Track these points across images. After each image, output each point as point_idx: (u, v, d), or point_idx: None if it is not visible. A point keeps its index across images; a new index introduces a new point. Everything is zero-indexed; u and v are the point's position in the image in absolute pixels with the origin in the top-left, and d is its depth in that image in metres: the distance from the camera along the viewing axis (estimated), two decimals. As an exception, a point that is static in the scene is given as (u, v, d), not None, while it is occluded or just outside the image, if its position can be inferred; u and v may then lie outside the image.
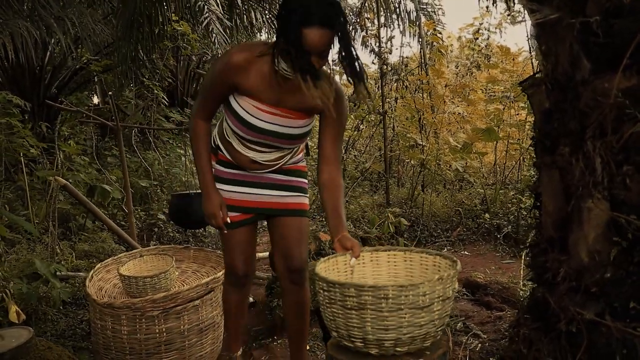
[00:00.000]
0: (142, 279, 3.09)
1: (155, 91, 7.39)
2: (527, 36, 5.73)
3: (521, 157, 6.33)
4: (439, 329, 1.78)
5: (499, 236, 5.10)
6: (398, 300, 1.62)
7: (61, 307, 3.67)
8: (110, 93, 4.85)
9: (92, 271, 3.19)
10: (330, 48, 1.90)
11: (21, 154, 5.45)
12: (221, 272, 2.94)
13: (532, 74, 2.10)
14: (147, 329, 2.74)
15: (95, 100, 10.78)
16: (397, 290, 1.62)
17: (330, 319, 1.77)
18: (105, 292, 3.24)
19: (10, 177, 5.98)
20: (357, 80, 1.95)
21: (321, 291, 1.76)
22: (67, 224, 5.56)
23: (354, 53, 1.92)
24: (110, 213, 5.78)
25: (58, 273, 3.67)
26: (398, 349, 1.71)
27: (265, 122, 2.07)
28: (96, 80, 9.27)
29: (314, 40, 1.81)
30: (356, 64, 1.93)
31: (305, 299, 2.37)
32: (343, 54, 1.90)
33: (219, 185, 2.27)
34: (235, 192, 2.26)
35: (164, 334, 2.76)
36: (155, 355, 2.75)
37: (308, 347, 3.03)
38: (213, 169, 2.28)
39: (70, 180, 5.15)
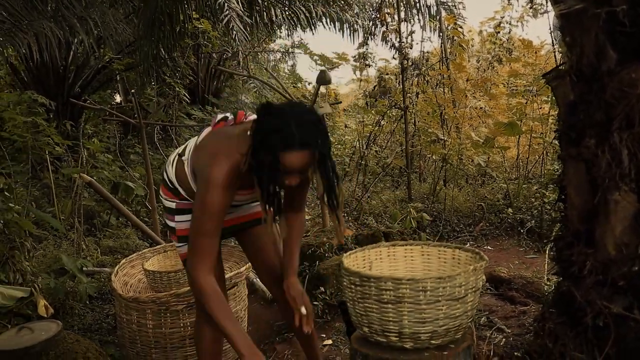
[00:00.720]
0: (166, 273, 3.13)
1: (177, 89, 7.46)
2: (550, 29, 5.65)
3: (544, 151, 6.25)
4: (470, 320, 1.78)
5: (522, 231, 5.05)
6: (436, 292, 1.63)
7: (87, 302, 3.73)
8: (132, 91, 4.90)
9: (117, 266, 3.24)
10: (313, 163, 1.79)
11: (47, 152, 5.53)
12: (245, 267, 2.96)
13: (555, 66, 2.08)
14: (172, 322, 2.76)
15: (118, 99, 10.92)
16: (435, 282, 1.62)
17: (362, 314, 1.76)
18: (131, 286, 3.29)
19: (36, 175, 6.08)
20: (331, 209, 1.90)
21: (352, 286, 1.76)
22: (92, 220, 5.64)
23: (333, 179, 1.85)
24: (133, 209, 5.85)
25: (84, 268, 3.73)
26: (433, 341, 1.71)
27: (242, 199, 2.09)
28: (118, 79, 9.39)
29: (294, 163, 1.73)
30: (334, 191, 1.86)
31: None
32: (322, 178, 1.83)
33: (183, 217, 2.15)
34: None
35: (189, 327, 2.79)
36: (180, 349, 2.78)
37: (331, 342, 3.04)
38: (174, 204, 2.18)
39: (95, 178, 5.22)
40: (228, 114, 2.10)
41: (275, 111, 1.77)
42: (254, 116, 1.99)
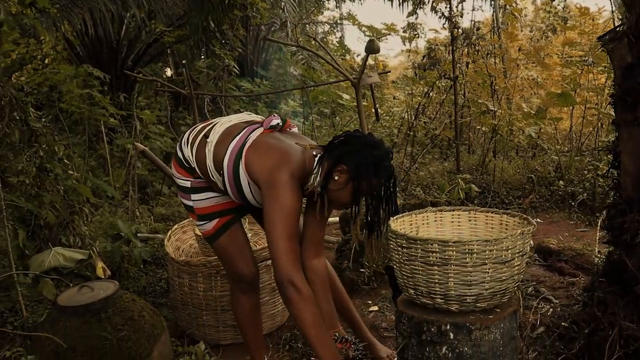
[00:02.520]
0: (217, 239, 3.21)
1: (226, 60, 7.53)
2: (610, -6, 5.41)
3: (599, 123, 6.05)
4: (517, 284, 1.78)
5: (573, 204, 4.94)
6: (482, 255, 1.64)
7: (142, 266, 3.87)
8: (184, 61, 5.00)
9: (169, 232, 3.35)
10: None
11: (102, 123, 5.72)
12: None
13: (614, 27, 2.01)
14: (222, 286, 2.85)
15: (168, 72, 11.11)
16: (481, 245, 1.63)
17: (408, 276, 1.78)
18: (182, 251, 3.40)
19: (92, 147, 6.30)
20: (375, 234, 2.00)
21: (399, 249, 1.78)
22: (145, 189, 5.82)
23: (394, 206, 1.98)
24: (184, 179, 5.98)
25: (139, 234, 3.86)
26: (479, 304, 1.72)
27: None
28: (169, 52, 9.54)
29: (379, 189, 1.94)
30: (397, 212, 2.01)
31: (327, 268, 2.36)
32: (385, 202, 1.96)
33: (200, 195, 2.21)
34: (211, 197, 2.21)
35: (238, 291, 2.86)
36: (230, 311, 2.86)
37: (377, 308, 3.08)
38: (189, 182, 2.22)
39: (148, 148, 5.37)
40: (280, 121, 2.14)
41: (372, 142, 1.94)
42: (296, 127, 2.23)
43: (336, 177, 1.90)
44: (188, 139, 2.23)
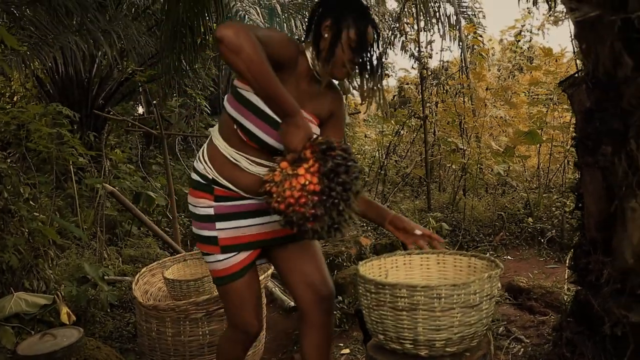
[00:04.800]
0: (186, 282, 3.16)
1: (198, 100, 7.55)
2: (571, 36, 5.62)
3: (565, 160, 6.20)
4: (485, 327, 1.78)
5: (542, 240, 5.00)
6: (450, 300, 1.63)
7: (109, 310, 3.78)
8: (154, 102, 4.98)
9: (138, 275, 3.28)
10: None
11: (70, 162, 5.63)
12: (263, 276, 2.92)
13: (572, 73, 2.07)
14: (191, 331, 2.79)
15: (140, 110, 11.08)
16: (449, 290, 1.63)
17: (377, 321, 1.77)
18: (151, 295, 3.33)
19: (60, 186, 6.19)
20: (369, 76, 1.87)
21: (368, 294, 1.77)
22: (114, 230, 5.72)
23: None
24: (155, 219, 5.91)
25: (106, 277, 3.79)
26: (448, 349, 1.71)
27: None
28: (141, 90, 9.52)
29: (370, 37, 1.79)
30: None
31: (331, 331, 2.10)
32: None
33: (220, 224, 1.90)
34: (240, 227, 1.91)
35: (207, 336, 2.81)
36: (199, 357, 2.81)
37: (349, 351, 3.05)
38: (211, 209, 1.90)
39: (117, 188, 5.30)
40: None
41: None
42: None
43: (325, 35, 1.79)
44: (200, 155, 1.99)
